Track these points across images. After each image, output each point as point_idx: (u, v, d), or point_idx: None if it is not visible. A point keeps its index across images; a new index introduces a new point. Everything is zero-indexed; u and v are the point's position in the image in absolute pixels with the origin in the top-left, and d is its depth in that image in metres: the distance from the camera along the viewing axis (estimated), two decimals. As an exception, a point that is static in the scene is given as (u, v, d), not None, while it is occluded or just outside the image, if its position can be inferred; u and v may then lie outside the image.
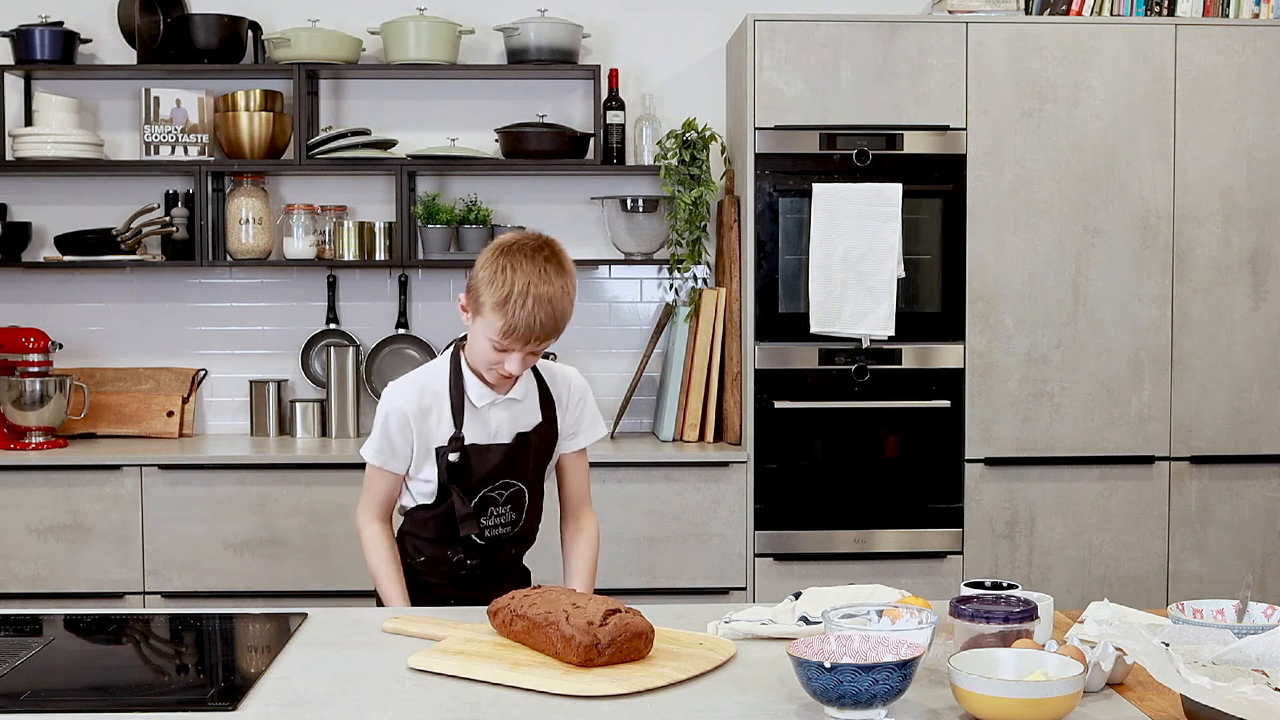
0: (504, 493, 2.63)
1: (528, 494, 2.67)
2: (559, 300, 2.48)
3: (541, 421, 2.66)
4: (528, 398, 2.65)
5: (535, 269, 2.47)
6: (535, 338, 2.48)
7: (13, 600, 4.14)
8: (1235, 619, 1.96)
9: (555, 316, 2.48)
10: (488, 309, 2.47)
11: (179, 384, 4.69)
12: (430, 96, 4.73)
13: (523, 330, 2.46)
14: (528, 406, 2.65)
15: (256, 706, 1.81)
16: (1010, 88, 4.24)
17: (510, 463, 2.62)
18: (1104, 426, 4.29)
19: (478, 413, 2.60)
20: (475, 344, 2.55)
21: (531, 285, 2.45)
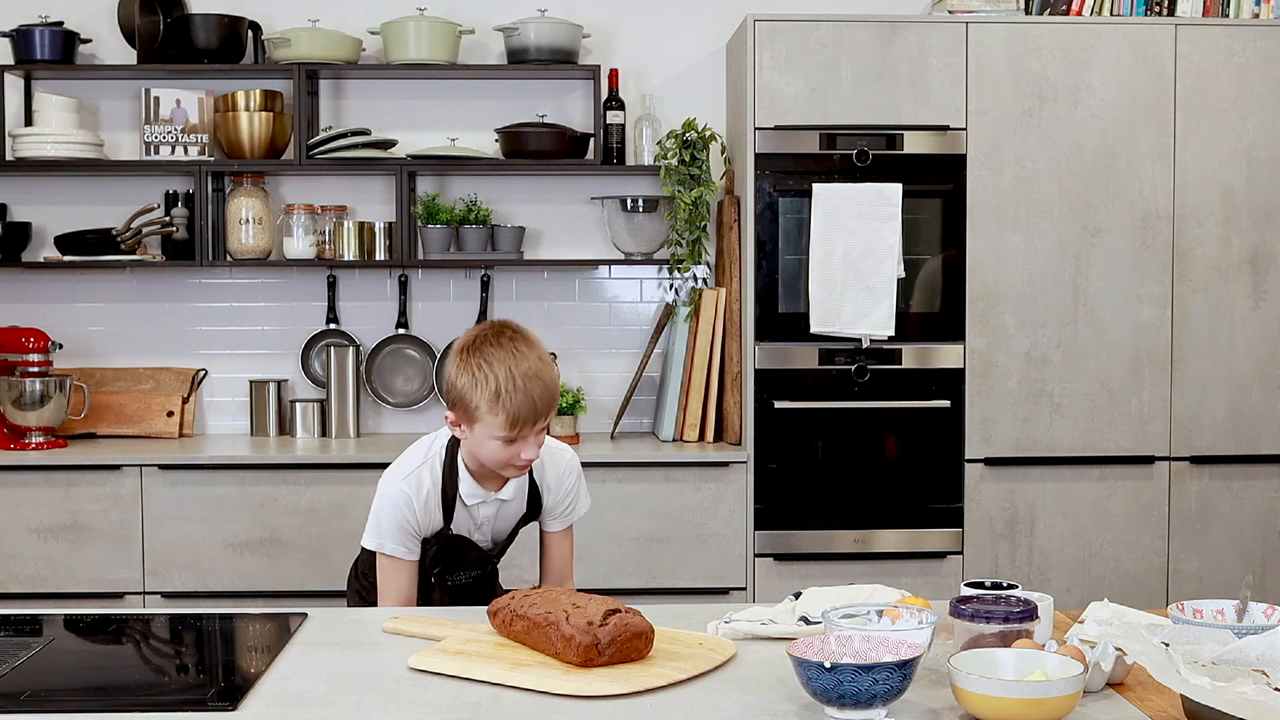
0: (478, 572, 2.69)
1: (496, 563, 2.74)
2: (544, 371, 2.48)
3: (526, 513, 2.69)
4: (519, 496, 2.65)
5: (507, 353, 2.46)
6: (540, 416, 2.47)
7: (13, 600, 4.14)
8: (1235, 619, 1.96)
9: (547, 387, 2.48)
10: (483, 411, 2.45)
11: (179, 384, 4.69)
12: (430, 96, 4.73)
13: (526, 414, 2.44)
14: (517, 505, 2.66)
15: (256, 706, 1.81)
16: (1010, 88, 4.24)
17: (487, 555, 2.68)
18: (1104, 426, 4.29)
19: (467, 510, 2.61)
20: (482, 449, 2.50)
21: (513, 369, 2.44)
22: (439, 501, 2.57)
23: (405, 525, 2.54)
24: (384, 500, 2.56)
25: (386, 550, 2.55)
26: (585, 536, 4.23)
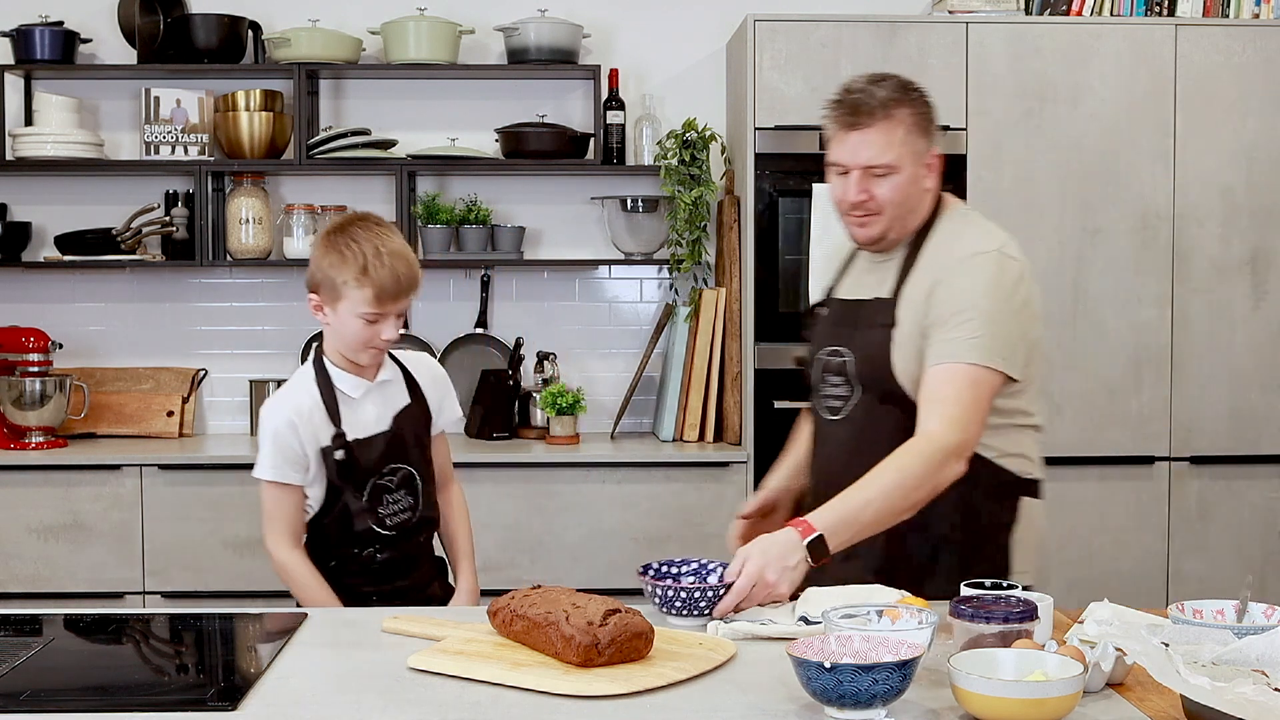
0: (394, 478, 2.68)
1: (418, 476, 2.73)
2: (407, 252, 2.60)
3: (410, 403, 2.73)
4: (393, 380, 2.73)
5: (372, 234, 2.58)
6: (403, 292, 2.57)
7: (13, 600, 4.14)
8: (1235, 619, 1.96)
9: (412, 268, 2.59)
10: (350, 287, 2.55)
11: (179, 384, 4.69)
12: (430, 96, 4.73)
13: (390, 286, 2.55)
14: (394, 389, 2.73)
15: (256, 706, 1.81)
16: (1010, 88, 4.24)
17: (393, 447, 2.68)
18: (1104, 427, 4.29)
19: (353, 407, 2.66)
20: (344, 330, 2.60)
21: (380, 245, 2.56)
22: (324, 412, 2.62)
23: (290, 451, 2.60)
24: (265, 428, 2.63)
25: (273, 477, 2.61)
26: (586, 536, 4.23)
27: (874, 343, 2.42)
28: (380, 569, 2.69)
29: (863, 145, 2.37)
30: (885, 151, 2.36)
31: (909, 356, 2.38)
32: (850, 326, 2.48)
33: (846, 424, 2.47)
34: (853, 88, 2.38)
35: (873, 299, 2.46)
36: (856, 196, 2.38)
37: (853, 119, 2.36)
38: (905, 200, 2.41)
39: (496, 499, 4.18)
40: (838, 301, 2.56)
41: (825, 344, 2.52)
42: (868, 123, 2.36)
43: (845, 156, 2.38)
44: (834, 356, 2.49)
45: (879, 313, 2.43)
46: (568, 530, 4.20)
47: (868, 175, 2.37)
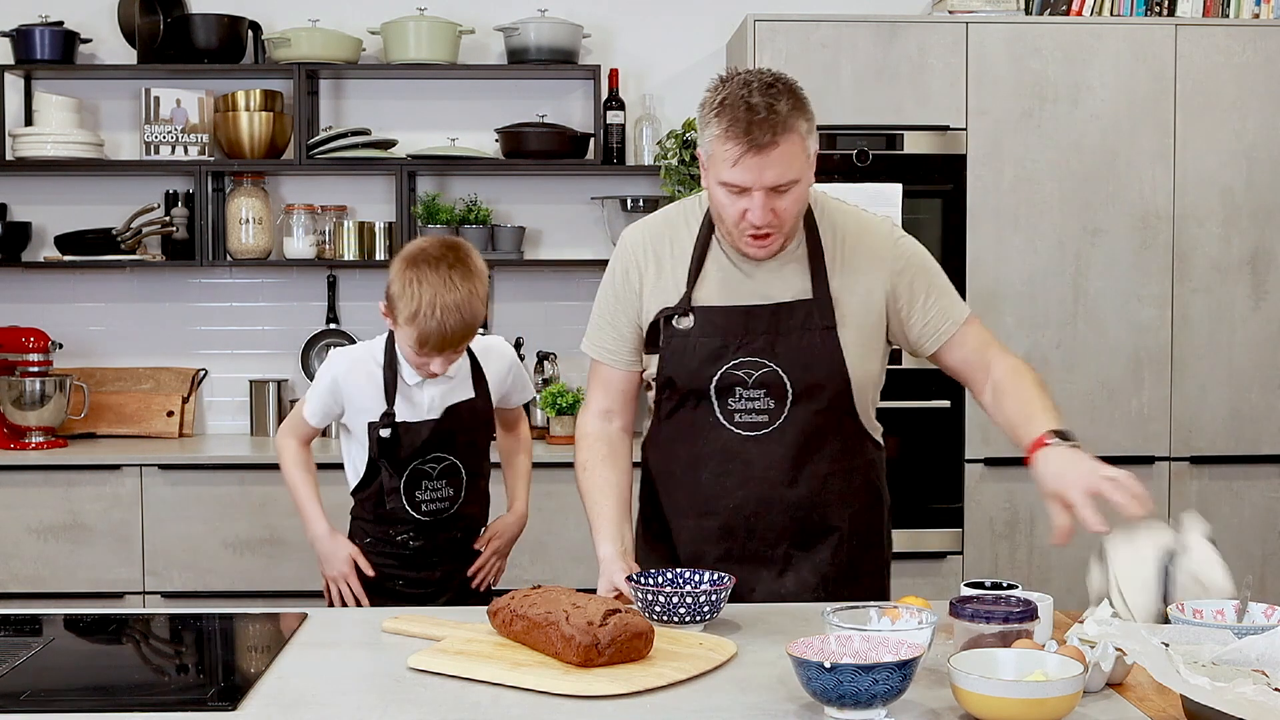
0: (436, 466, 2.71)
1: (464, 470, 2.74)
2: (467, 306, 2.57)
3: (474, 396, 2.76)
4: (459, 374, 2.75)
5: (441, 279, 2.56)
6: (450, 345, 2.59)
7: (13, 600, 4.14)
8: (1235, 619, 1.96)
9: (465, 322, 2.58)
10: (402, 321, 2.59)
11: (179, 384, 4.69)
12: (430, 96, 4.73)
13: (435, 340, 2.57)
14: (459, 382, 2.75)
15: (256, 706, 1.81)
16: (1010, 88, 4.24)
17: (439, 436, 2.71)
18: (1104, 426, 4.29)
19: (409, 391, 2.70)
20: (401, 346, 2.67)
21: (438, 296, 2.54)
22: (381, 382, 2.69)
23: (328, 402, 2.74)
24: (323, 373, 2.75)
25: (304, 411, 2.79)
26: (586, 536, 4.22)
27: (817, 348, 2.31)
28: (412, 555, 2.74)
29: (769, 167, 2.17)
30: (790, 169, 2.19)
31: (866, 355, 2.36)
32: (768, 334, 2.31)
33: (776, 439, 2.33)
34: (752, 104, 2.16)
35: (798, 302, 2.31)
36: (764, 219, 2.20)
37: (757, 140, 2.16)
38: (803, 206, 2.30)
39: (496, 499, 4.17)
40: (724, 310, 2.33)
41: (724, 357, 2.31)
42: (772, 145, 2.16)
43: (750, 179, 2.18)
44: (750, 369, 2.31)
45: (815, 315, 2.31)
46: (568, 530, 4.20)
47: (772, 194, 2.20)
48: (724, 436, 2.35)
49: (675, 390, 2.38)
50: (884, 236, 2.39)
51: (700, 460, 2.37)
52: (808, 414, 2.33)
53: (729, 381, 2.33)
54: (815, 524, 2.39)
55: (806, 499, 2.37)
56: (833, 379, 2.33)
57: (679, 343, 2.34)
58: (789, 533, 2.38)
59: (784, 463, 2.34)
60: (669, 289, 2.36)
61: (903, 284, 2.37)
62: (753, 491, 2.35)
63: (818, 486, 2.37)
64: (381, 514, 2.74)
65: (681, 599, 2.12)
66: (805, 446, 2.34)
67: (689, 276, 2.35)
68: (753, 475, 2.35)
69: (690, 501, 2.40)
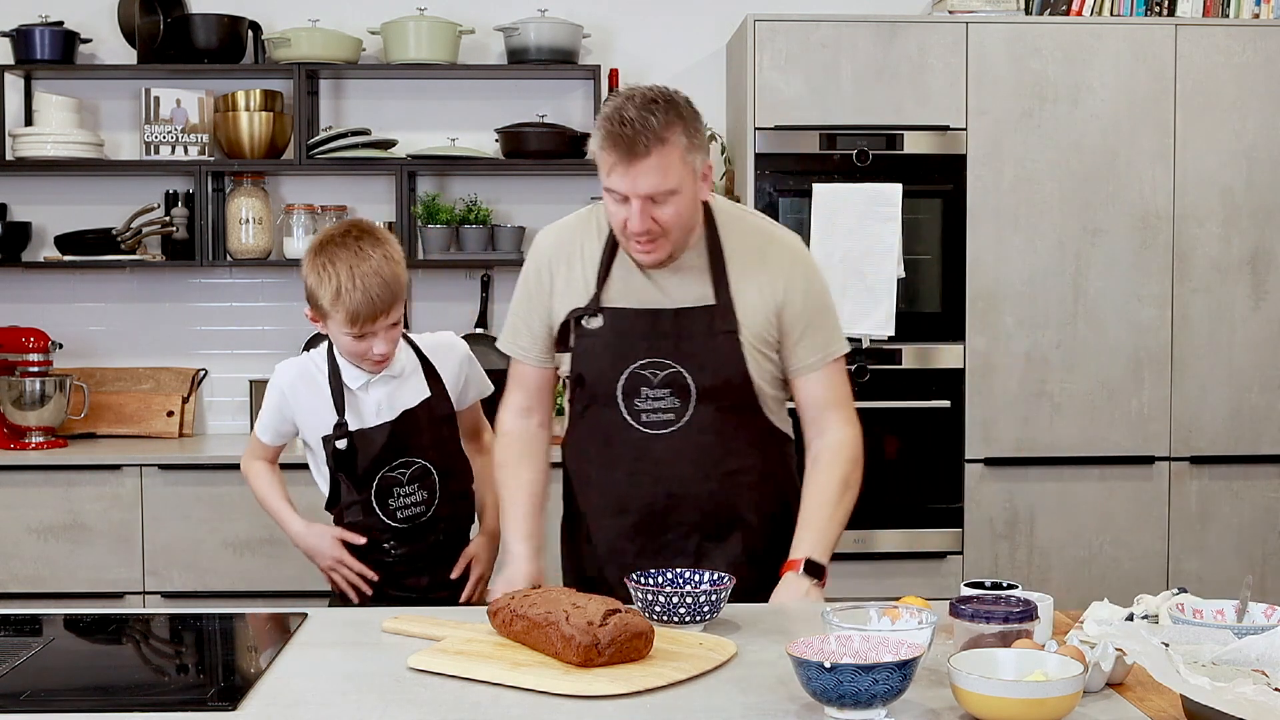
0: (405, 471, 2.67)
1: (435, 471, 2.70)
2: (384, 268, 2.56)
3: (430, 395, 2.71)
4: (407, 374, 2.71)
5: (350, 253, 2.56)
6: (381, 312, 2.55)
7: (13, 600, 4.14)
8: (1235, 619, 1.96)
9: (388, 284, 2.56)
10: (328, 307, 2.56)
11: (179, 384, 4.69)
12: (430, 96, 4.73)
13: (365, 311, 2.54)
14: (410, 383, 2.71)
15: (256, 706, 1.81)
16: (1010, 88, 4.24)
17: (399, 440, 2.66)
18: (1104, 426, 4.29)
19: (355, 398, 2.67)
20: (338, 342, 2.64)
21: (353, 268, 2.54)
22: (328, 392, 2.67)
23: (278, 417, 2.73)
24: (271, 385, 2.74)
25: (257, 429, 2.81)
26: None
27: (718, 350, 2.40)
28: (396, 563, 2.69)
29: (641, 176, 2.27)
30: (665, 179, 2.28)
31: (767, 357, 2.45)
32: (672, 338, 2.40)
33: (681, 436, 2.42)
34: (625, 117, 2.26)
35: (700, 307, 2.41)
36: (642, 226, 2.30)
37: (629, 152, 2.26)
38: (689, 219, 2.37)
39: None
40: (631, 312, 2.42)
41: (631, 358, 2.41)
42: (644, 154, 2.26)
43: (625, 187, 2.29)
44: (655, 370, 2.40)
45: (716, 320, 2.40)
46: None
47: (649, 203, 2.30)
48: (633, 436, 2.44)
49: (585, 389, 2.47)
50: (788, 251, 2.50)
51: (612, 461, 2.47)
52: (711, 412, 2.43)
53: (635, 382, 2.42)
54: (725, 518, 2.48)
55: (715, 494, 2.46)
56: (734, 380, 2.42)
57: (589, 342, 2.44)
58: (700, 526, 2.47)
59: (691, 460, 2.43)
60: (579, 290, 2.46)
61: (792, 301, 2.45)
62: (663, 489, 2.44)
63: (726, 482, 2.46)
64: (355, 528, 2.69)
65: (681, 599, 2.12)
66: (711, 444, 2.43)
67: (598, 279, 2.45)
68: (662, 473, 2.44)
69: (604, 501, 2.50)
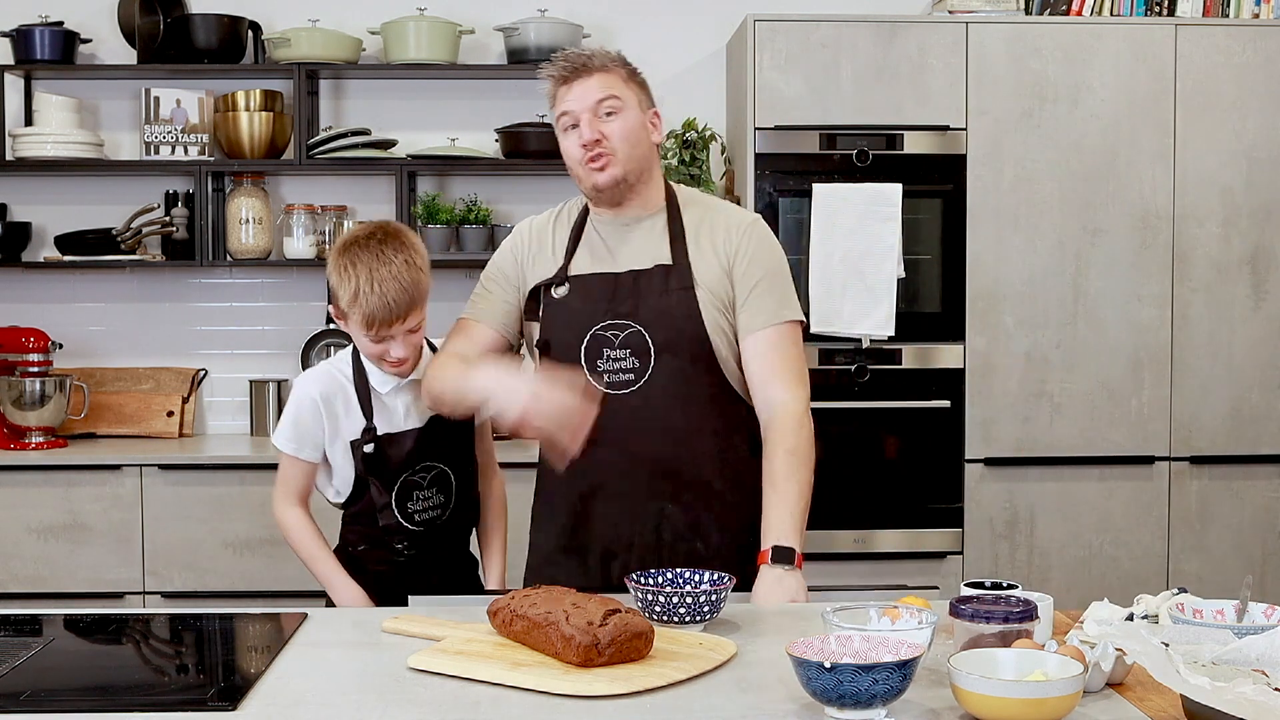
0: (426, 475, 2.68)
1: (453, 475, 2.71)
2: (404, 274, 2.56)
3: None
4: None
5: (372, 255, 2.55)
6: (398, 317, 2.55)
7: (13, 600, 4.14)
8: (1235, 619, 1.96)
9: (407, 290, 2.55)
10: (346, 308, 2.56)
11: (179, 384, 4.69)
12: (430, 96, 4.73)
13: (381, 315, 2.53)
14: None
15: (256, 706, 1.81)
16: (1010, 88, 4.24)
17: (425, 445, 2.66)
18: (1104, 426, 4.29)
19: (383, 401, 2.66)
20: (358, 342, 2.63)
21: (373, 272, 2.53)
22: (355, 401, 2.64)
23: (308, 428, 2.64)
24: (293, 398, 2.67)
25: (285, 448, 2.66)
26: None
27: (675, 307, 2.49)
28: (407, 563, 2.69)
29: (587, 90, 2.49)
30: (609, 90, 2.49)
31: (716, 317, 2.52)
32: (631, 299, 2.50)
33: (642, 394, 2.49)
34: (569, 54, 2.54)
35: (654, 266, 2.51)
36: (591, 136, 2.47)
37: (572, 72, 2.50)
38: (637, 142, 2.51)
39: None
40: (593, 277, 2.54)
41: (593, 321, 2.51)
42: (587, 73, 2.49)
43: (573, 104, 2.49)
44: (616, 331, 2.50)
45: (672, 278, 2.50)
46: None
47: (597, 116, 2.48)
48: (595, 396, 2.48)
49: (550, 355, 2.54)
50: (742, 220, 2.60)
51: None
52: (671, 369, 2.49)
53: (597, 344, 2.50)
54: (687, 477, 2.51)
55: (677, 451, 2.50)
56: (691, 333, 2.50)
57: (555, 308, 2.55)
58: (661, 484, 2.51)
59: (651, 417, 2.49)
60: (550, 266, 2.60)
61: (740, 259, 2.53)
62: (626, 446, 2.49)
63: (688, 440, 2.50)
64: (373, 528, 2.68)
65: (681, 599, 2.13)
66: (671, 400, 2.49)
67: (566, 253, 2.60)
68: (625, 430, 2.48)
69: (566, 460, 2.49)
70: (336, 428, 2.65)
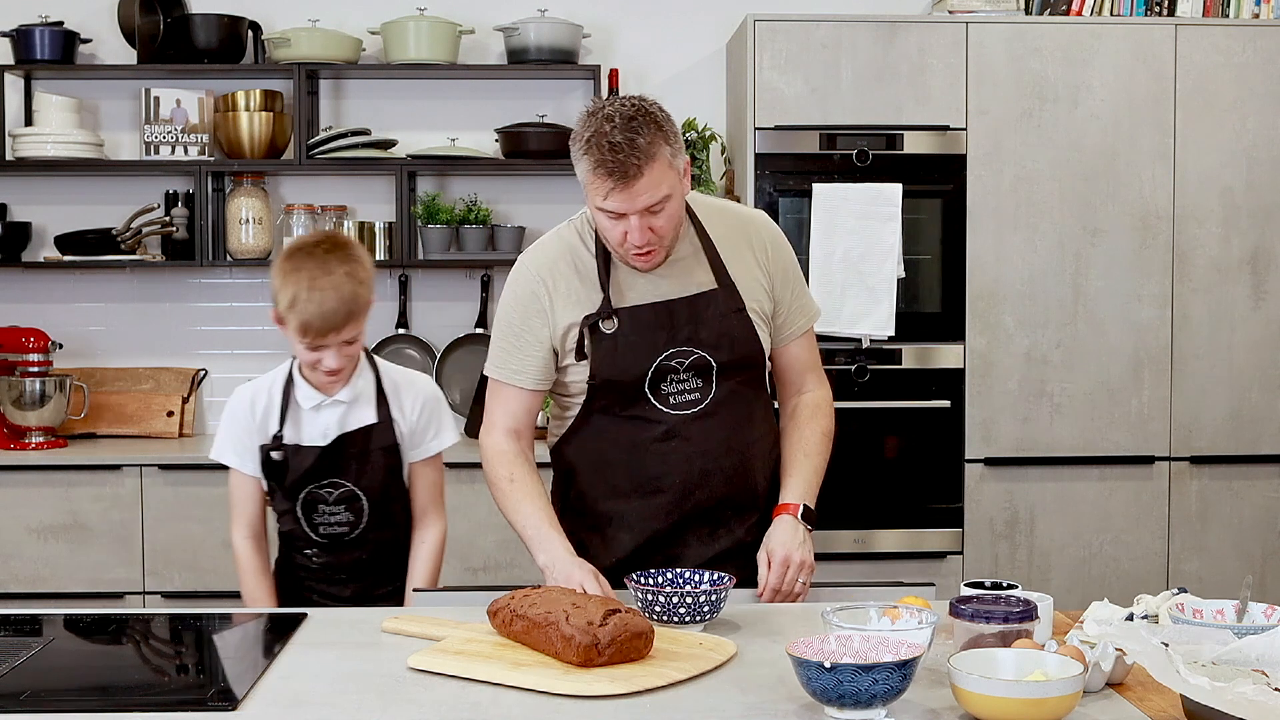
0: (332, 492, 2.66)
1: (365, 499, 2.67)
2: (344, 287, 2.54)
3: (376, 423, 2.68)
4: (359, 400, 2.68)
5: (315, 264, 2.54)
6: (333, 328, 2.53)
7: (13, 600, 4.14)
8: (1235, 619, 1.96)
9: (345, 302, 2.53)
10: (284, 311, 2.55)
11: (179, 384, 4.69)
12: (430, 96, 4.73)
13: (316, 324, 2.52)
14: (361, 410, 2.68)
15: (256, 706, 1.81)
16: (1010, 88, 4.24)
17: (327, 463, 2.65)
18: (1104, 426, 4.29)
19: (311, 416, 2.67)
20: (295, 349, 2.63)
21: (314, 280, 2.52)
22: (278, 406, 2.67)
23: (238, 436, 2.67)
24: (226, 409, 2.71)
25: (216, 457, 2.72)
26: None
27: (734, 329, 2.51)
28: (320, 570, 2.72)
29: (638, 195, 2.35)
30: (659, 191, 2.36)
31: (763, 332, 2.57)
32: (690, 325, 2.49)
33: (709, 416, 2.51)
34: (614, 143, 2.32)
35: (705, 293, 2.51)
36: (643, 239, 2.39)
37: (624, 176, 2.33)
38: (680, 220, 2.48)
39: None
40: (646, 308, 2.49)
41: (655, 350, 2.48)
42: (638, 175, 2.33)
43: (623, 206, 2.36)
44: (681, 358, 2.49)
45: (724, 301, 2.51)
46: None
47: (647, 215, 2.38)
48: (663, 418, 2.50)
49: (610, 388, 2.50)
50: (760, 225, 2.63)
51: (640, 444, 2.51)
52: (732, 387, 2.53)
53: (663, 372, 2.50)
54: (743, 485, 2.57)
55: (739, 465, 2.55)
56: (750, 355, 2.55)
57: (608, 344, 2.48)
58: (725, 497, 2.54)
59: (719, 435, 2.52)
60: (582, 300, 2.50)
61: (776, 269, 2.60)
62: (696, 465, 2.51)
63: (747, 452, 2.56)
64: (281, 532, 2.74)
65: (681, 599, 2.13)
66: (735, 418, 2.54)
67: (601, 284, 2.50)
68: (693, 450, 2.51)
69: (633, 483, 2.52)
70: (265, 431, 2.67)
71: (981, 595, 2.01)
